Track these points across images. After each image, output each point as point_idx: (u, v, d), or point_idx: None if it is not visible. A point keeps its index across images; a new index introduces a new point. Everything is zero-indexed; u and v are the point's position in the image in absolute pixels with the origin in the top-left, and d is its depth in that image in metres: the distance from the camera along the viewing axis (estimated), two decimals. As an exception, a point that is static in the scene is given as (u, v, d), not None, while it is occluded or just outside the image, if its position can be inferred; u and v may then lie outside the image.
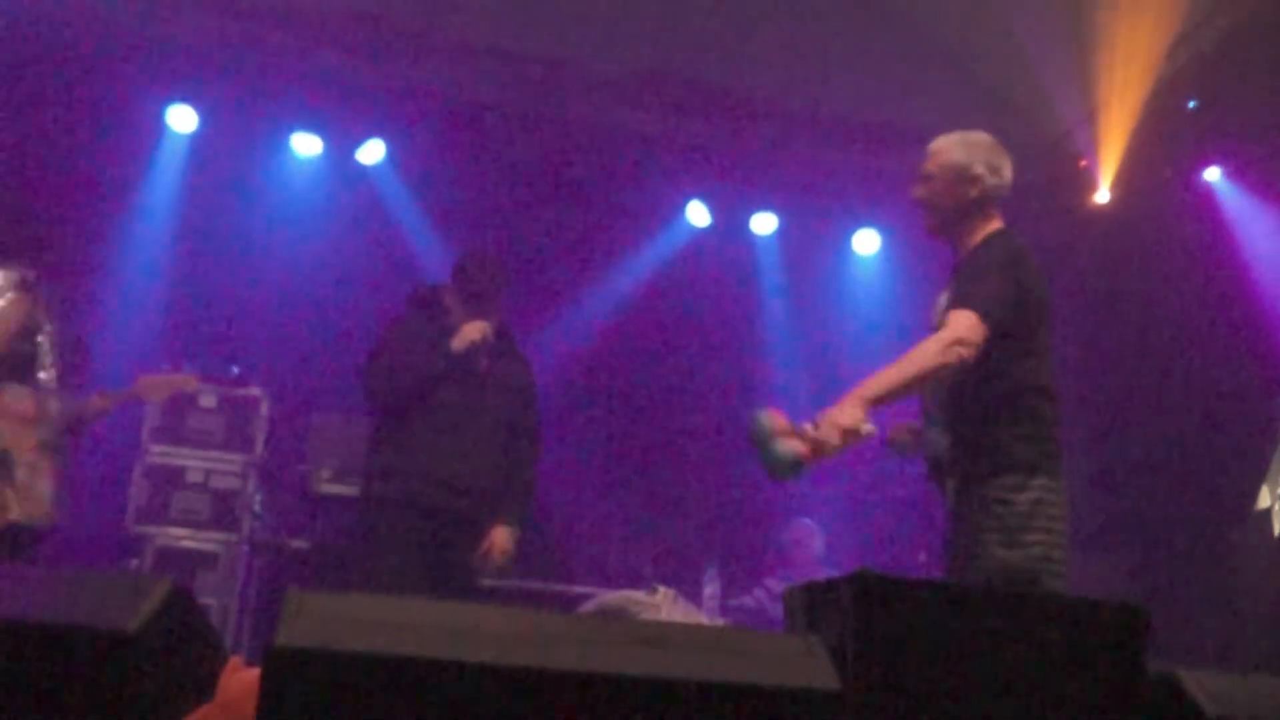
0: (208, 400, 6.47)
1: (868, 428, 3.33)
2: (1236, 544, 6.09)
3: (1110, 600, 2.06)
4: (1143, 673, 1.98)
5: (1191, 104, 6.98)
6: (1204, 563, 6.44)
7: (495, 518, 4.96)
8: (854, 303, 8.60)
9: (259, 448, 6.49)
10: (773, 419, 3.38)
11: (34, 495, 4.89)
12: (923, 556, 7.08)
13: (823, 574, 4.95)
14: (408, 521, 4.76)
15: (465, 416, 4.92)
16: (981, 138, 3.85)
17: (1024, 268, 3.66)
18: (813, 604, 1.96)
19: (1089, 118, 7.16)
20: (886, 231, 8.51)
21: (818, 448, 3.30)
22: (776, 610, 5.29)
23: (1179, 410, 7.06)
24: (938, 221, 3.85)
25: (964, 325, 3.46)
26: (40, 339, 5.08)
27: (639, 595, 5.50)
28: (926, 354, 3.44)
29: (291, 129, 7.61)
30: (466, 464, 4.88)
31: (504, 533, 4.95)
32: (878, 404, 3.38)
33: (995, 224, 3.81)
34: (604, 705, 1.61)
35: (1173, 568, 6.52)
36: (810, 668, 1.76)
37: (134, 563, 6.21)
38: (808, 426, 3.33)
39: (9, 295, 4.97)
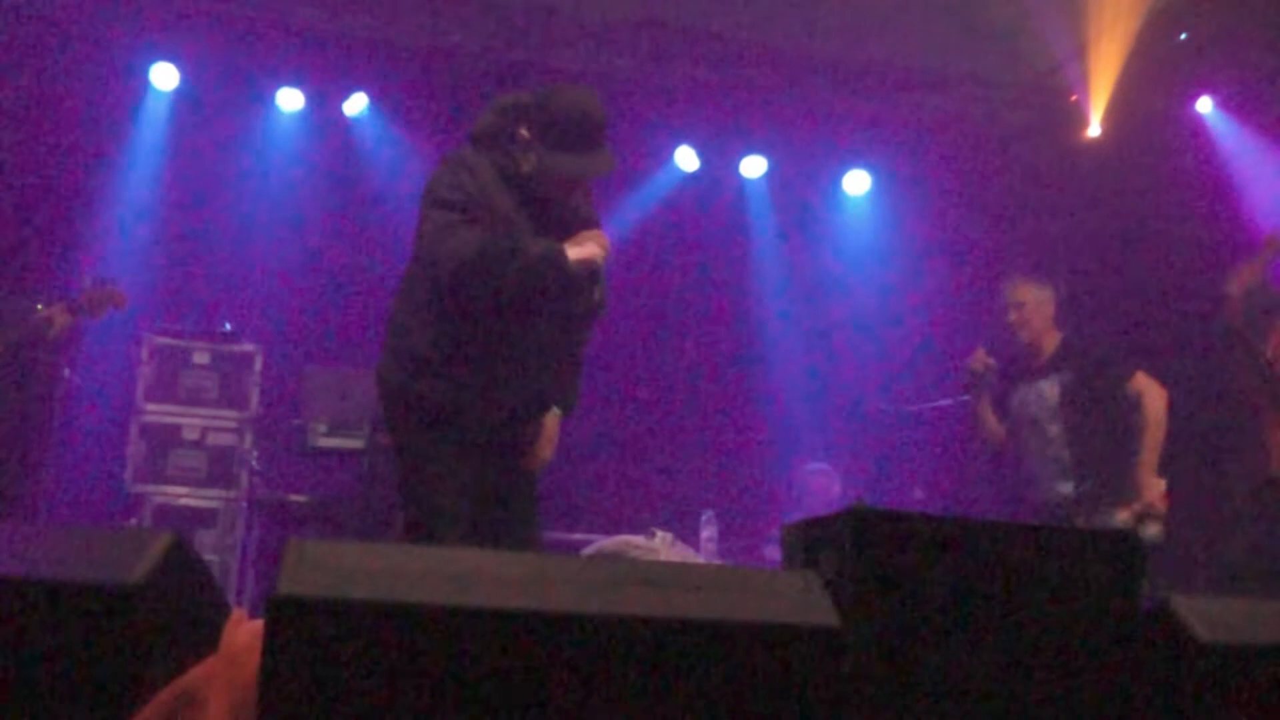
0: (201, 357, 6.46)
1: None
2: (1233, 476, 6.11)
3: (1107, 530, 2.08)
4: (1138, 601, 1.98)
5: (1182, 36, 6.94)
6: (1200, 494, 6.47)
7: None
8: (845, 244, 8.58)
9: (254, 403, 6.49)
10: None
11: None
12: (919, 494, 7.12)
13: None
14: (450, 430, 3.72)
15: (535, 348, 3.78)
16: None
17: None
18: (810, 541, 1.97)
19: (1079, 52, 7.12)
20: (876, 172, 8.47)
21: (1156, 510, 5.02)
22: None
23: (1172, 343, 7.07)
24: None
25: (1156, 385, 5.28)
26: None
27: (637, 539, 5.52)
28: (1163, 415, 5.19)
29: (274, 83, 7.55)
30: (527, 397, 3.84)
31: (553, 420, 3.97)
32: None
33: None
34: (605, 646, 1.62)
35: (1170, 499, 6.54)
36: (809, 604, 1.77)
37: (133, 522, 6.23)
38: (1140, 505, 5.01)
39: None
